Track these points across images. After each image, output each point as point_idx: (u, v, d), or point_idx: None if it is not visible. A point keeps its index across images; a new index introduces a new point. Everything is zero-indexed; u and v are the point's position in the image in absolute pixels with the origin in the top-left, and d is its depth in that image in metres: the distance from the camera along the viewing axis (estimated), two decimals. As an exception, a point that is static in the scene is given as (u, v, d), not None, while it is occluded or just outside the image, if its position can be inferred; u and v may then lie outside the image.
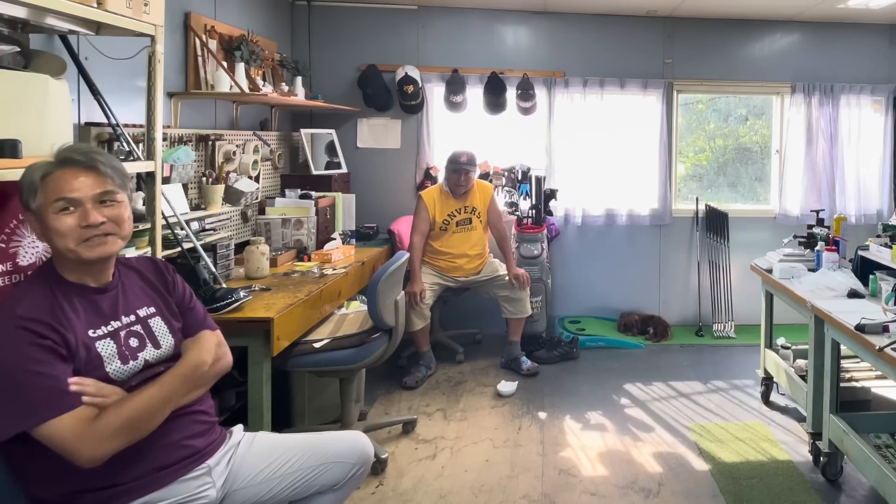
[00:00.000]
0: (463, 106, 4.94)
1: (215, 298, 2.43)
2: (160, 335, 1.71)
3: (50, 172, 1.53)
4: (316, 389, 3.29)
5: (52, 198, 1.52)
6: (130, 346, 1.63)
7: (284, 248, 3.57)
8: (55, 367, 1.45)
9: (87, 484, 1.50)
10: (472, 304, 4.75)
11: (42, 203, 1.52)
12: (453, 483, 2.84)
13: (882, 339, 2.38)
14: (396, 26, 4.96)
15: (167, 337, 1.72)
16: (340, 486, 1.87)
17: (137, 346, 1.64)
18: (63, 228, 1.52)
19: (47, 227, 1.53)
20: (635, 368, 4.32)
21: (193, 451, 1.66)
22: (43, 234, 1.56)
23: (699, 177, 5.63)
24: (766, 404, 3.71)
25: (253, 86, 3.60)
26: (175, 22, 3.14)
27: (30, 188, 1.53)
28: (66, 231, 1.52)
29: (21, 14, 1.77)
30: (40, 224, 1.55)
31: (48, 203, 1.52)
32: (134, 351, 1.63)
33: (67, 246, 1.53)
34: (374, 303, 2.86)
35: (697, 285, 5.19)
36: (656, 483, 2.87)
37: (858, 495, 2.79)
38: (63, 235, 1.52)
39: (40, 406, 1.41)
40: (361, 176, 4.89)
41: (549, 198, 4.74)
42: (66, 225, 1.52)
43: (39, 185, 1.52)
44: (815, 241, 3.61)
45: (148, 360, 1.65)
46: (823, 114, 5.16)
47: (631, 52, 5.10)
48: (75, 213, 1.53)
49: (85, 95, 2.33)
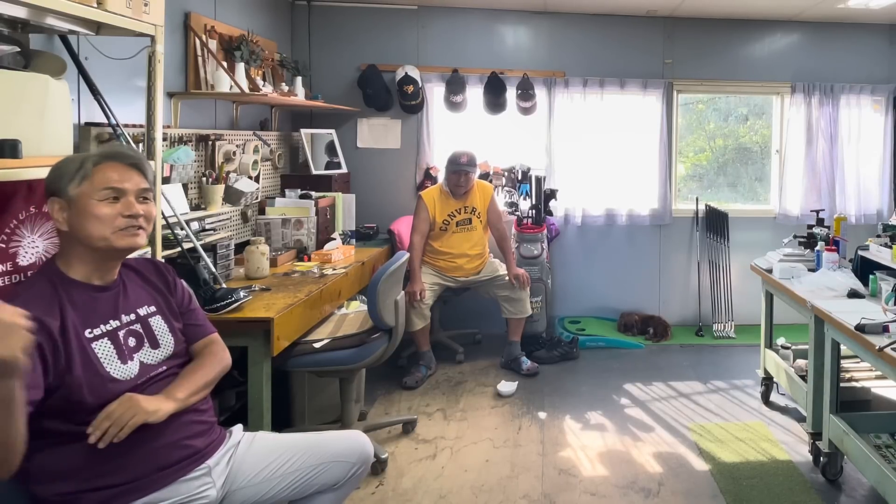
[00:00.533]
0: (463, 106, 4.94)
1: (215, 298, 2.43)
2: (160, 334, 1.71)
3: (101, 162, 1.61)
4: (316, 389, 3.29)
5: (101, 185, 1.59)
6: (129, 346, 1.63)
7: (284, 248, 3.57)
8: None
9: (87, 484, 1.51)
10: (472, 304, 4.75)
11: (87, 190, 1.58)
12: (453, 483, 2.84)
13: (882, 339, 2.38)
14: (396, 26, 4.96)
15: (167, 336, 1.73)
16: (340, 486, 1.87)
17: (135, 346, 1.65)
18: (104, 215, 1.58)
19: (86, 212, 1.56)
20: (635, 368, 4.32)
21: (193, 452, 1.66)
22: (71, 221, 1.58)
23: (699, 177, 5.64)
24: (766, 404, 3.71)
25: (253, 86, 3.60)
26: (175, 22, 3.14)
27: (75, 173, 1.58)
28: (107, 218, 1.58)
29: (21, 14, 1.77)
30: (73, 210, 1.57)
31: (94, 190, 1.58)
32: (132, 350, 1.63)
33: (102, 233, 1.57)
34: (374, 303, 2.86)
35: (697, 285, 5.19)
36: (656, 483, 2.87)
37: (858, 495, 2.79)
38: (102, 222, 1.57)
39: None
40: (361, 176, 4.90)
41: (549, 198, 4.74)
42: (106, 212, 1.58)
43: (89, 172, 1.59)
44: (815, 241, 3.60)
45: (144, 361, 1.65)
46: (823, 114, 5.17)
47: (631, 52, 5.10)
48: (117, 204, 1.60)
49: (85, 95, 2.33)
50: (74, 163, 1.60)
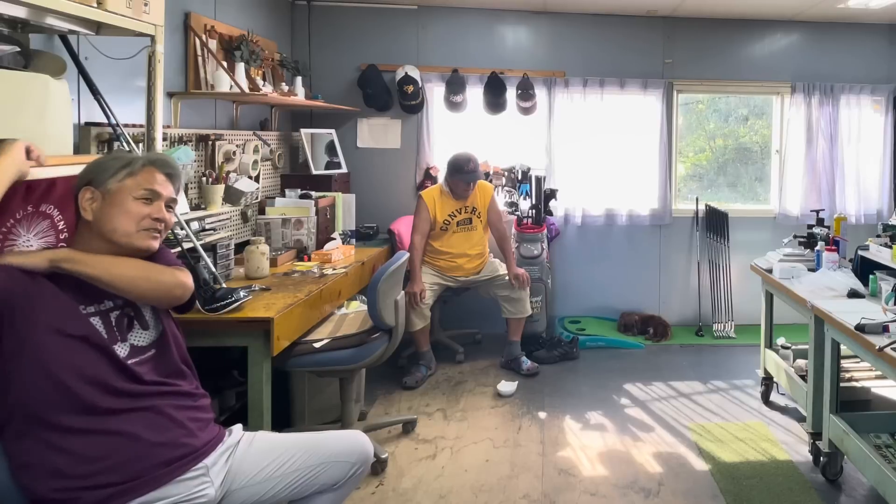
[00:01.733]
0: (463, 106, 4.94)
1: (215, 298, 2.42)
2: (149, 316, 1.74)
3: (149, 165, 1.74)
4: (316, 389, 3.29)
5: (144, 185, 1.70)
6: (121, 327, 1.66)
7: (284, 248, 3.56)
8: None
9: (85, 482, 1.51)
10: (472, 304, 4.74)
11: (129, 185, 1.68)
12: (453, 483, 2.84)
13: (882, 339, 2.38)
14: (396, 26, 4.96)
15: (155, 318, 1.75)
16: (340, 486, 1.87)
17: (126, 327, 1.68)
18: (136, 212, 1.68)
19: (120, 205, 1.66)
20: (635, 368, 4.32)
21: (190, 451, 1.66)
22: (100, 211, 1.65)
23: (699, 177, 5.64)
24: (766, 404, 3.71)
25: (253, 86, 3.60)
26: (175, 22, 3.15)
27: (122, 168, 1.69)
28: (138, 216, 1.68)
29: (21, 14, 1.78)
30: (107, 201, 1.66)
31: (136, 187, 1.69)
32: (124, 332, 1.66)
33: (129, 229, 1.67)
34: (374, 303, 2.86)
35: (697, 285, 5.19)
36: (656, 483, 2.87)
37: (858, 495, 2.79)
38: (131, 218, 1.67)
39: None
40: (361, 176, 4.90)
41: (549, 198, 4.74)
42: (140, 210, 1.69)
43: (138, 170, 1.71)
44: (815, 241, 3.60)
45: (134, 343, 1.67)
46: (823, 114, 5.17)
47: (631, 52, 5.10)
48: (150, 206, 1.71)
49: (85, 95, 2.33)
50: (122, 160, 1.72)
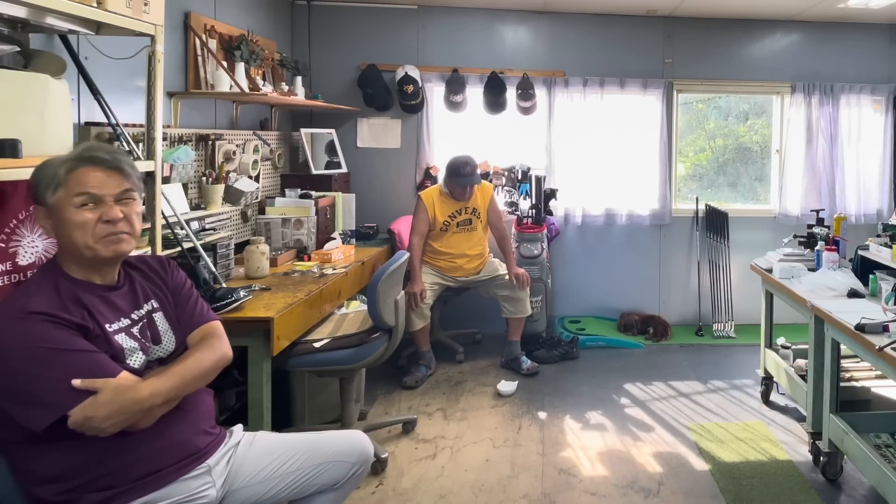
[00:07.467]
0: (463, 106, 4.94)
1: (215, 298, 2.43)
2: (162, 331, 1.72)
3: (75, 168, 1.55)
4: (316, 389, 3.29)
5: (75, 191, 1.53)
6: (143, 341, 1.65)
7: (284, 248, 3.57)
8: (83, 342, 1.48)
9: (88, 484, 1.51)
10: (472, 303, 4.75)
11: (62, 197, 1.53)
12: (453, 483, 2.84)
13: (882, 339, 2.37)
14: (396, 26, 4.96)
15: (168, 333, 1.74)
16: (340, 486, 1.88)
17: (148, 341, 1.67)
18: (83, 222, 1.53)
19: (65, 220, 1.53)
20: (635, 368, 4.32)
21: (193, 451, 1.66)
22: (55, 229, 1.56)
23: (699, 176, 5.63)
24: (766, 404, 3.71)
25: (253, 85, 3.60)
26: (175, 22, 3.14)
27: (50, 181, 1.54)
28: (86, 225, 1.54)
29: (21, 14, 1.78)
30: (55, 218, 1.55)
31: (70, 196, 1.53)
32: (145, 345, 1.66)
33: (86, 242, 1.54)
34: (374, 303, 2.86)
35: (697, 285, 5.19)
36: (656, 483, 2.87)
37: (858, 495, 2.79)
38: (82, 230, 1.53)
39: (87, 373, 1.45)
40: (361, 176, 4.90)
41: (549, 197, 4.74)
42: (85, 219, 1.54)
43: (63, 179, 1.53)
44: (815, 240, 3.60)
45: (150, 357, 1.66)
46: (823, 113, 5.17)
47: (631, 51, 5.10)
48: (96, 209, 1.55)
49: (85, 95, 2.33)
50: (49, 170, 1.55)
